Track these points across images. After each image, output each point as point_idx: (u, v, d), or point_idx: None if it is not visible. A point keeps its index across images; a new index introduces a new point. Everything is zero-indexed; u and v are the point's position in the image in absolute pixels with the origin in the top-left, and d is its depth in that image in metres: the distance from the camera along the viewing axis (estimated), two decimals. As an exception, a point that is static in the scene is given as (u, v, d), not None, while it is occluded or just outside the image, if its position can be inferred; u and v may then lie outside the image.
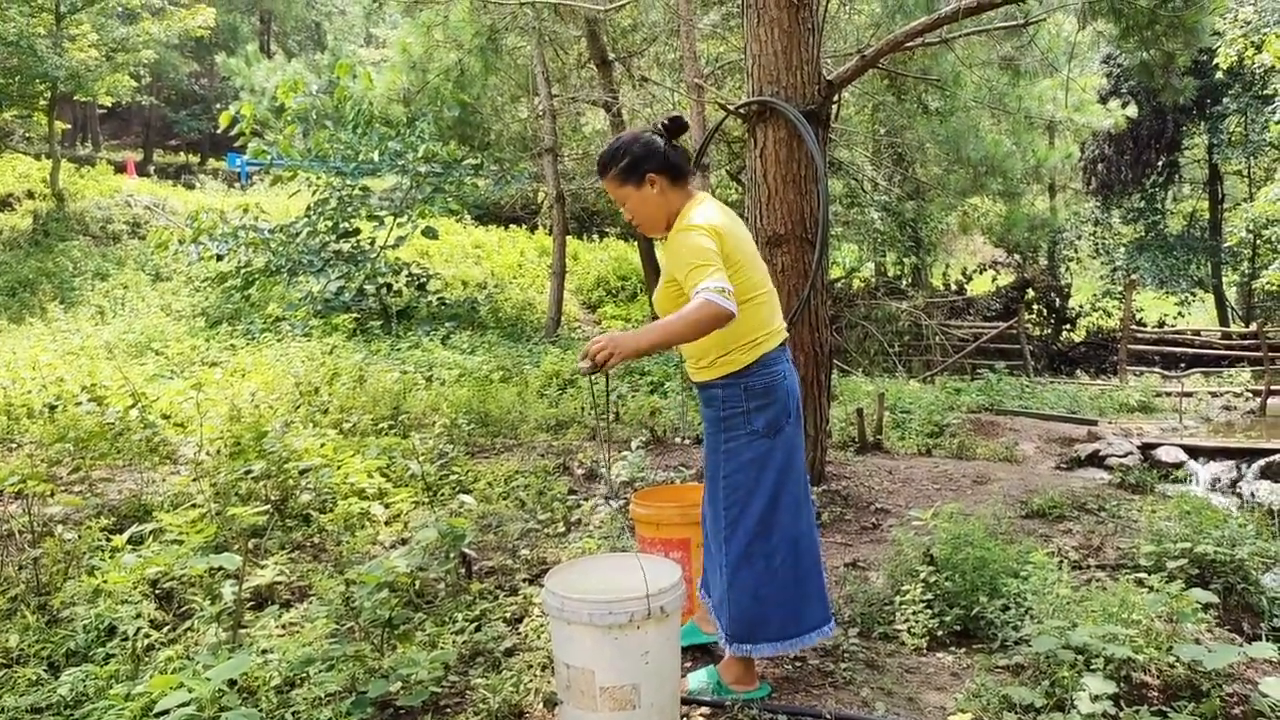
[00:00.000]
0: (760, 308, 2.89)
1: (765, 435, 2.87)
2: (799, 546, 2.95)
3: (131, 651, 3.09)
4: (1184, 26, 7.53)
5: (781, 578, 2.92)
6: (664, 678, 2.71)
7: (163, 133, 37.25)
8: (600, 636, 2.61)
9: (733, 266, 2.77)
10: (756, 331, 2.87)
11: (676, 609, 2.73)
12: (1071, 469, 8.01)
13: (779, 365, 2.91)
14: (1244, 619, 4.21)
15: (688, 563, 3.41)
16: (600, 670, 2.63)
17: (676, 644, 2.77)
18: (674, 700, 2.77)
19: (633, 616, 2.60)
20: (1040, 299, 20.12)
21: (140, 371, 8.07)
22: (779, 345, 2.93)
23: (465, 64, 12.40)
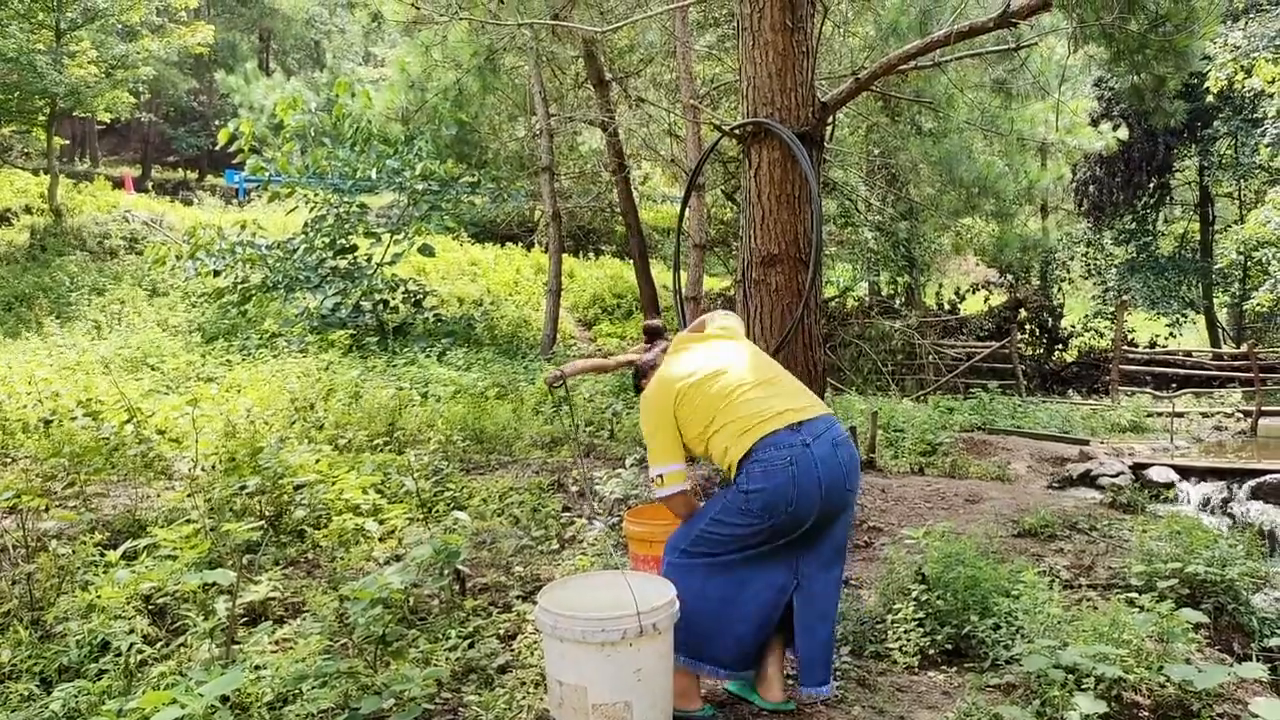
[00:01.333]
0: (733, 416, 2.95)
1: (757, 516, 2.90)
2: (743, 593, 2.99)
3: (124, 667, 3.09)
4: (1175, 51, 7.59)
5: (709, 606, 2.98)
6: (656, 695, 2.72)
7: (161, 149, 37.30)
8: (593, 654, 2.63)
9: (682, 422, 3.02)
10: (738, 434, 2.92)
11: (668, 627, 2.74)
12: (1063, 488, 8.02)
13: (784, 452, 2.88)
14: (1234, 639, 4.23)
15: None
16: (593, 687, 2.65)
17: (669, 662, 2.79)
18: (666, 717, 2.78)
19: (625, 634, 2.62)
20: (1032, 319, 20.18)
21: (136, 387, 8.06)
22: (781, 429, 2.91)
23: (463, 83, 12.45)
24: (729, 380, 3.01)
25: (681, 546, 3.04)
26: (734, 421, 2.92)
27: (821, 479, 2.87)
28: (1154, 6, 7.21)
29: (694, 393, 2.99)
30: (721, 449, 2.95)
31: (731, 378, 3.02)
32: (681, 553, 3.03)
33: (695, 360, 3.11)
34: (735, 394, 2.97)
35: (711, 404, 2.96)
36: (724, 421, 2.93)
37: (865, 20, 12.66)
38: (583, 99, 15.30)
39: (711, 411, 2.95)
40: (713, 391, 2.98)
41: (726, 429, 2.93)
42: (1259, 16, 15.96)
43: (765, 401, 2.96)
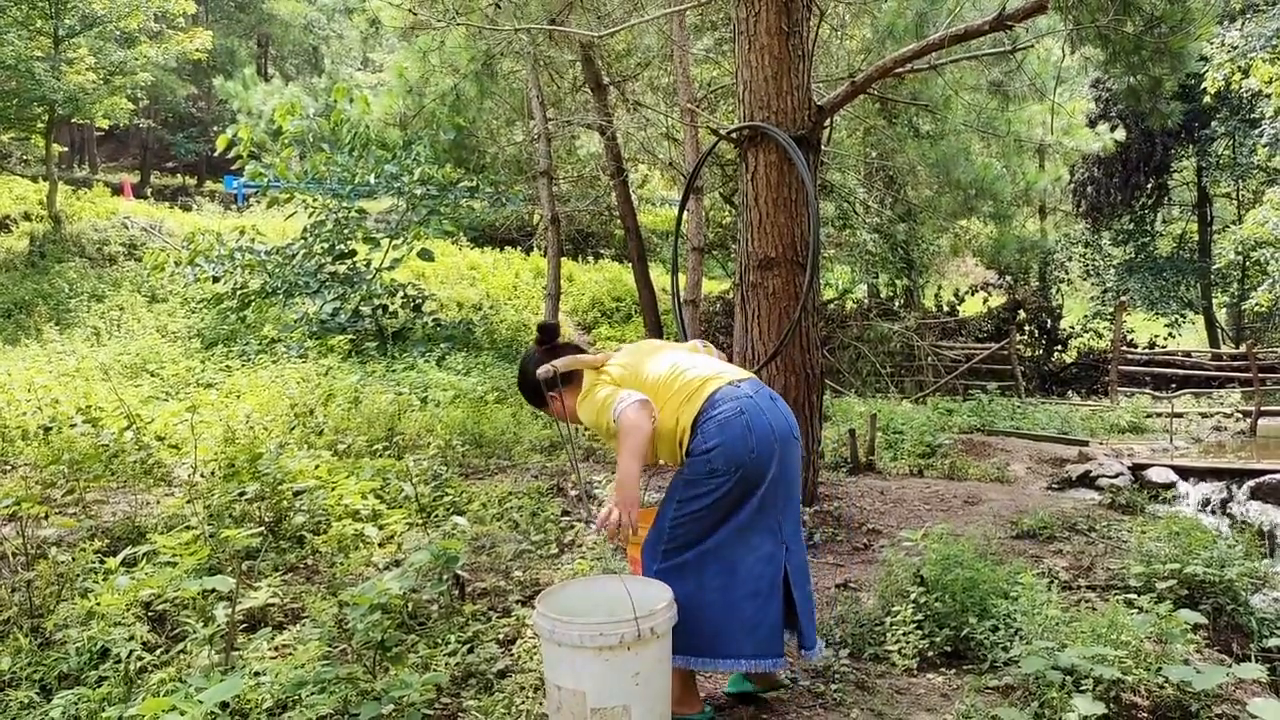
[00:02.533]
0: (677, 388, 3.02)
1: (723, 475, 2.91)
2: (738, 571, 2.95)
3: (124, 674, 3.10)
4: (1171, 52, 7.63)
5: (709, 599, 2.94)
6: (655, 699, 2.72)
7: (160, 155, 37.34)
8: (591, 658, 2.64)
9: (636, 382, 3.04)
10: (684, 400, 2.99)
11: (666, 630, 2.75)
12: (1062, 489, 8.03)
13: (733, 403, 2.94)
14: (1233, 640, 4.23)
15: None
16: (591, 692, 2.65)
17: (667, 666, 2.79)
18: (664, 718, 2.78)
19: (623, 638, 2.62)
20: (1031, 320, 20.20)
21: (135, 393, 8.07)
22: (723, 386, 3.00)
23: (461, 88, 12.48)
24: (664, 365, 3.10)
25: (661, 548, 3.01)
26: (677, 393, 3.00)
27: (772, 424, 2.94)
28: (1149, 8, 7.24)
29: (634, 382, 3.04)
30: (672, 421, 2.98)
31: (665, 362, 3.11)
32: (663, 555, 3.00)
33: (628, 359, 3.19)
34: (671, 375, 3.06)
35: (653, 388, 3.03)
36: (666, 397, 3.00)
37: (862, 23, 12.68)
38: (580, 103, 15.32)
39: (653, 395, 2.99)
40: (651, 378, 3.06)
41: (671, 402, 2.99)
42: (1256, 17, 16.00)
43: (702, 372, 3.05)
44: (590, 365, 3.19)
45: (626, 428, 2.84)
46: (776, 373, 5.78)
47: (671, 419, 2.99)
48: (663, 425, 2.98)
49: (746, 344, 5.92)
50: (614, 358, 3.22)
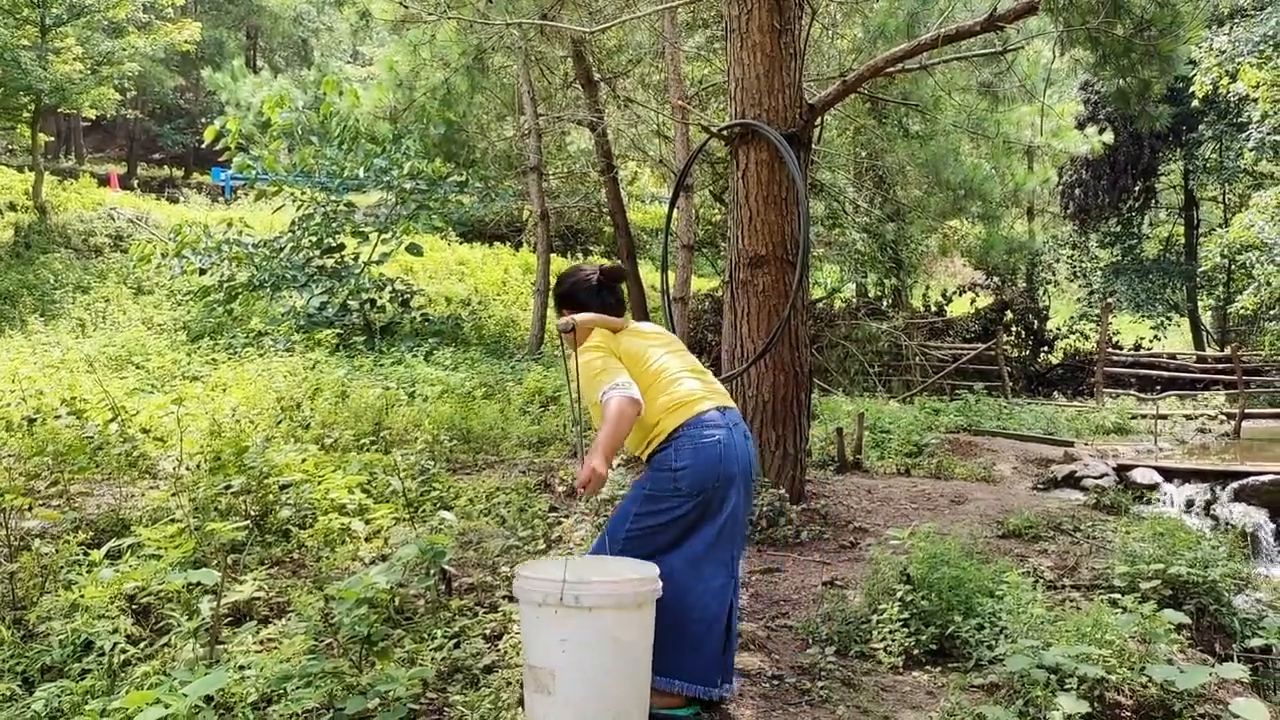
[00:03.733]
0: (668, 390, 3.09)
1: (687, 497, 2.98)
2: (684, 600, 2.96)
3: (108, 667, 3.08)
4: (1160, 55, 7.67)
5: (659, 619, 2.88)
6: (587, 676, 2.64)
7: (147, 146, 37.11)
8: (527, 613, 2.73)
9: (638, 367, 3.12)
10: (671, 407, 3.06)
11: (603, 609, 2.65)
12: (1048, 489, 8.06)
13: (713, 430, 3.03)
14: (1216, 640, 4.26)
15: None
16: (526, 645, 2.77)
17: (604, 652, 2.67)
18: (602, 707, 2.68)
19: (546, 598, 2.62)
20: (1018, 321, 20.29)
21: (120, 385, 8.02)
22: (711, 409, 3.08)
23: (452, 82, 12.44)
24: (667, 364, 3.18)
25: (620, 535, 3.04)
26: (669, 396, 3.08)
27: (739, 463, 3.04)
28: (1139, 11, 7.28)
29: (633, 363, 3.12)
30: (654, 419, 3.05)
31: (669, 362, 3.19)
32: (624, 542, 3.03)
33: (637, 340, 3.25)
34: (672, 375, 3.14)
35: (649, 379, 3.09)
36: (656, 394, 3.07)
37: (853, 23, 12.70)
38: (571, 99, 15.29)
39: (646, 385, 3.05)
40: (651, 369, 3.14)
41: (659, 401, 3.06)
42: (1244, 21, 16.07)
43: (698, 390, 3.12)
44: (608, 326, 3.23)
45: (611, 415, 2.90)
46: (765, 371, 5.79)
47: (654, 417, 3.05)
48: (644, 419, 3.03)
49: (735, 341, 5.93)
50: (629, 329, 3.29)
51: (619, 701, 2.72)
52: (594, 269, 3.40)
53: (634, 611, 2.74)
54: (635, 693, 2.77)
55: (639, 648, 2.77)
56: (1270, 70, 15.21)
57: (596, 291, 3.31)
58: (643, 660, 2.79)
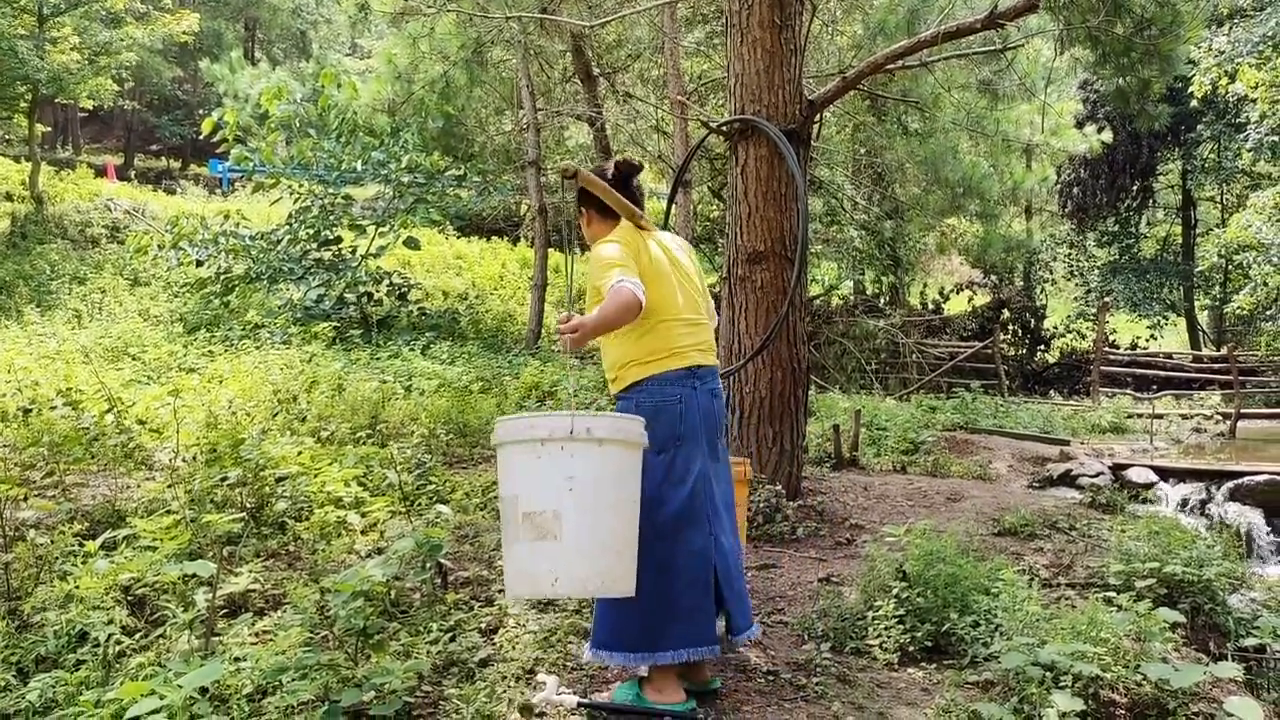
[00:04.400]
0: (656, 332, 3.08)
1: (664, 445, 3.01)
2: (672, 565, 2.97)
3: (103, 658, 3.07)
4: (1160, 54, 7.66)
5: (643, 592, 2.87)
6: (596, 519, 2.58)
7: (144, 137, 37.04)
8: (525, 455, 2.60)
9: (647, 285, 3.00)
10: (647, 354, 3.07)
11: (613, 440, 2.65)
12: (1043, 488, 8.08)
13: (676, 389, 3.05)
14: (1211, 639, 4.27)
15: None
16: (523, 494, 2.60)
17: (610, 489, 2.65)
18: (608, 554, 2.63)
19: (553, 431, 2.55)
20: (1015, 320, 20.31)
21: (116, 376, 8.00)
22: (679, 369, 3.07)
23: (450, 76, 12.41)
24: (671, 301, 3.11)
25: None
26: (652, 339, 3.06)
27: (702, 421, 3.08)
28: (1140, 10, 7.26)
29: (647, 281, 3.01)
30: (630, 356, 3.08)
31: (675, 300, 3.12)
32: None
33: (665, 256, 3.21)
34: (667, 317, 3.09)
35: (650, 306, 3.00)
36: (645, 331, 3.05)
37: (854, 19, 12.69)
38: (570, 93, 15.28)
39: (645, 312, 2.97)
40: (656, 297, 3.05)
41: (642, 341, 3.06)
42: (1243, 21, 16.08)
43: (678, 339, 3.09)
44: (630, 216, 3.22)
45: (617, 302, 2.83)
46: (763, 367, 5.79)
47: (632, 353, 3.08)
48: (627, 343, 3.08)
49: (733, 337, 5.93)
50: (655, 238, 3.26)
51: (623, 544, 2.70)
52: (611, 164, 3.33)
53: (637, 450, 2.76)
54: (634, 539, 2.76)
55: (637, 491, 2.77)
56: (1269, 71, 15.22)
57: (613, 187, 3.25)
58: (635, 508, 2.78)
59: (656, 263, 3.14)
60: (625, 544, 2.71)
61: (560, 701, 3.00)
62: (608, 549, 2.64)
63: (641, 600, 2.89)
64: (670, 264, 3.20)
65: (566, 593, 2.79)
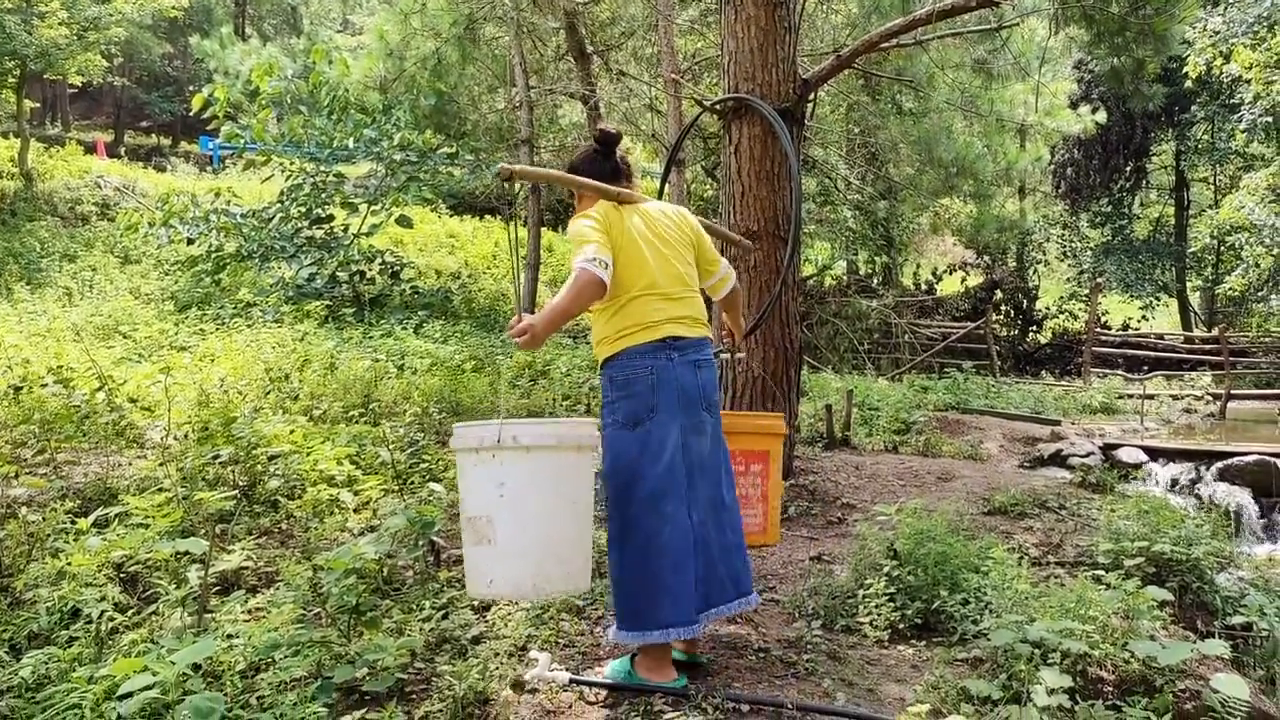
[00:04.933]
0: (626, 308, 3.07)
1: (624, 427, 3.03)
2: (652, 543, 2.96)
3: (95, 634, 3.08)
4: (1154, 34, 7.64)
5: (628, 570, 2.97)
6: (525, 522, 2.68)
7: (134, 114, 36.74)
8: (466, 462, 2.77)
9: (615, 261, 3.02)
10: (618, 330, 3.07)
11: (540, 448, 2.73)
12: (1034, 468, 8.12)
13: (647, 360, 3.03)
14: (1198, 617, 4.31)
15: (766, 476, 3.59)
16: (465, 499, 2.78)
17: (540, 493, 2.73)
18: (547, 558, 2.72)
19: (483, 441, 2.70)
20: (1008, 300, 20.34)
21: (107, 354, 7.98)
22: (650, 341, 3.04)
23: (443, 53, 12.33)
24: (649, 271, 3.10)
25: None
26: (627, 312, 3.06)
27: (678, 392, 3.04)
28: (1135, -11, 7.24)
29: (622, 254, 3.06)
30: (608, 332, 3.10)
31: (645, 268, 3.10)
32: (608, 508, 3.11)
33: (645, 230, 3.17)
34: (643, 288, 3.08)
35: (628, 280, 3.05)
36: (623, 304, 3.06)
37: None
38: (563, 71, 15.18)
39: (625, 285, 3.05)
40: (633, 270, 3.07)
41: (616, 319, 3.07)
42: (1238, 2, 16.04)
43: (653, 312, 3.07)
44: (606, 195, 3.18)
45: (572, 290, 2.87)
46: (755, 346, 5.79)
47: (611, 327, 3.09)
48: (605, 318, 3.10)
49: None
50: (639, 210, 3.22)
51: (561, 546, 2.76)
52: (588, 146, 3.35)
53: (572, 453, 2.80)
54: (577, 540, 2.82)
55: (579, 493, 2.82)
56: (1264, 52, 15.20)
57: (593, 159, 3.28)
58: (584, 510, 2.85)
59: (630, 238, 3.09)
60: (568, 546, 2.79)
61: (552, 678, 3.02)
62: (547, 552, 2.73)
63: (630, 579, 2.97)
64: (653, 237, 3.16)
65: (503, 594, 2.97)
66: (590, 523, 2.91)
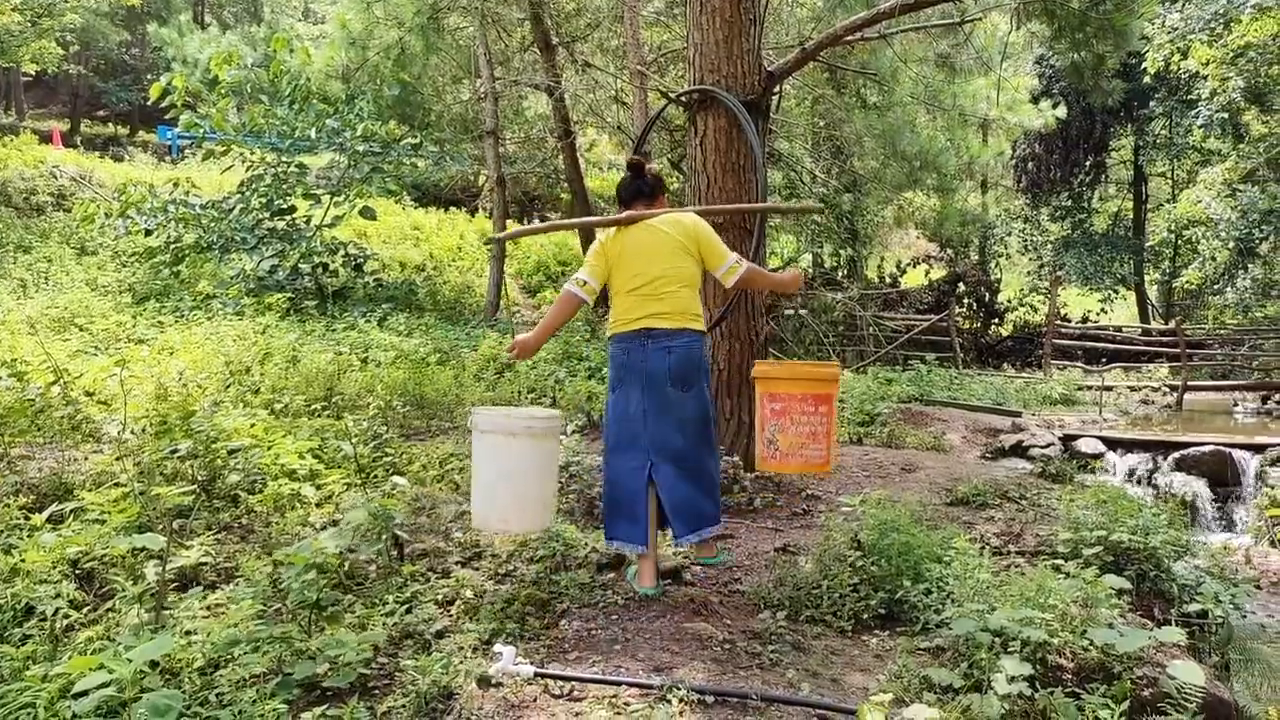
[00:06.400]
0: (615, 306, 3.93)
1: (610, 391, 3.97)
2: (616, 478, 3.89)
3: (50, 632, 3.02)
4: (1114, 30, 7.74)
5: (604, 494, 4.00)
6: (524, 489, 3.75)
7: (91, 103, 36.03)
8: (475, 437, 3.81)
9: (611, 272, 3.91)
10: (610, 322, 3.96)
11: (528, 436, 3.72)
12: (996, 459, 8.21)
13: (622, 345, 3.88)
14: (1155, 604, 4.38)
15: (830, 415, 4.06)
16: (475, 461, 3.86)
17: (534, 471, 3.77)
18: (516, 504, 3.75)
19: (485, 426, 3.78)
20: (971, 293, 20.55)
21: (63, 347, 7.82)
22: (628, 331, 3.85)
23: (406, 42, 12.22)
24: (634, 279, 3.85)
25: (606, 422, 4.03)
26: (616, 310, 3.92)
27: (642, 372, 3.81)
28: (1095, -15, 7.32)
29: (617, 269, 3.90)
30: (608, 321, 4.03)
31: (631, 277, 3.86)
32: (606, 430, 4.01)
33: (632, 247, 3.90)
34: (627, 291, 3.86)
35: (620, 286, 3.90)
36: (617, 304, 3.92)
37: (813, -10, 12.65)
38: (529, 62, 15.10)
39: (617, 290, 3.91)
40: (623, 278, 3.89)
41: (611, 313, 3.97)
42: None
43: (634, 309, 3.84)
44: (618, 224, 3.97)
45: (559, 303, 3.93)
46: (720, 339, 5.80)
47: (610, 317, 3.97)
48: (610, 311, 3.99)
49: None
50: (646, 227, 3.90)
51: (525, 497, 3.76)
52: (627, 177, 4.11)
53: (540, 439, 3.76)
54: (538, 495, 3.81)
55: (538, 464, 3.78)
56: (1220, 48, 15.44)
57: (630, 184, 4.06)
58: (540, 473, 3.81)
59: (625, 253, 3.88)
60: (530, 499, 3.79)
61: (517, 672, 3.01)
62: (518, 500, 3.76)
63: (605, 500, 3.98)
64: (646, 248, 3.86)
65: (482, 526, 3.92)
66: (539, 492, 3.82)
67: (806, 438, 4.00)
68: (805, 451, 4.01)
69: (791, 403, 4.02)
